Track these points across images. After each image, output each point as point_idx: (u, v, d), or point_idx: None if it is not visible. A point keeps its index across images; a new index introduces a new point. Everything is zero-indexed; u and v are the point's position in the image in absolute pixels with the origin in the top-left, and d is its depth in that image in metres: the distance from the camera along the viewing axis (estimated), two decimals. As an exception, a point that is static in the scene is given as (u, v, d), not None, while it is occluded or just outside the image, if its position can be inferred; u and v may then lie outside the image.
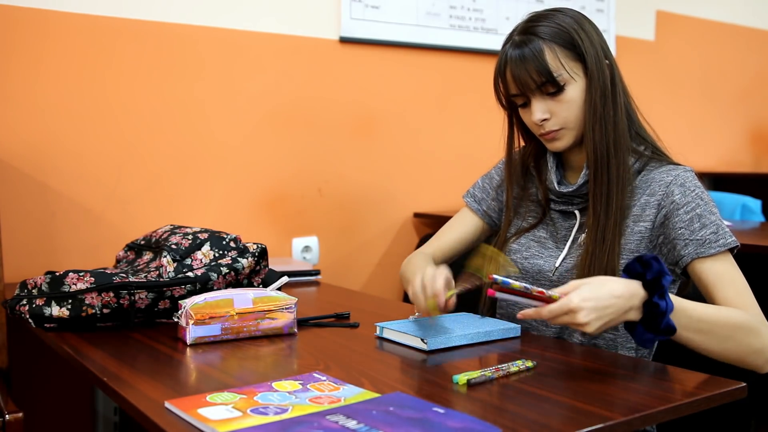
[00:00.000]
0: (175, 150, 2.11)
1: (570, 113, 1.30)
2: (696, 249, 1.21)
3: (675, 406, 0.97)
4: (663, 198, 1.27)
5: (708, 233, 1.21)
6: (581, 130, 1.31)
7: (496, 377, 1.06)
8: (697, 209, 1.24)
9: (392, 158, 2.50)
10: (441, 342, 1.23)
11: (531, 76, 1.28)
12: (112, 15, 2.00)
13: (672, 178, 1.28)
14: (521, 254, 1.40)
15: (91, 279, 1.34)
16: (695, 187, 1.27)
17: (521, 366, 1.10)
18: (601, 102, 1.29)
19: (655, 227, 1.27)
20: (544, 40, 1.28)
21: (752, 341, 1.14)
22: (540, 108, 1.30)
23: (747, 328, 1.14)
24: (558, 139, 1.32)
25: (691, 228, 1.22)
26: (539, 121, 1.31)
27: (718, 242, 1.21)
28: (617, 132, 1.29)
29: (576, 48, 1.29)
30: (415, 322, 1.33)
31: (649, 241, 1.28)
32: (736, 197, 2.86)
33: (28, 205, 1.92)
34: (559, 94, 1.29)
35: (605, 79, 1.30)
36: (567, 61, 1.29)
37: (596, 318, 1.05)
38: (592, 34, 1.32)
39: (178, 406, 0.93)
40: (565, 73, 1.28)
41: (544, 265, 1.36)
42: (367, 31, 2.41)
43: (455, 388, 1.02)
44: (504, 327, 1.31)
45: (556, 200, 1.39)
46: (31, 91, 1.91)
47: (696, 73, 3.46)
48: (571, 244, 1.35)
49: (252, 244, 1.51)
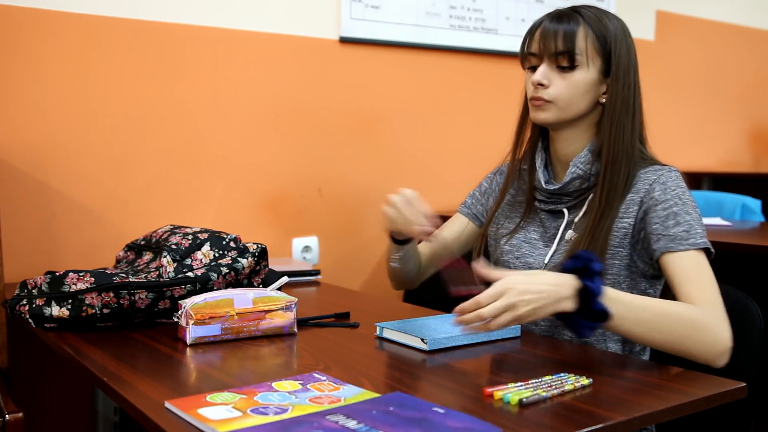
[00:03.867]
0: (175, 150, 2.11)
1: (566, 92, 1.34)
2: (666, 243, 1.25)
3: (675, 406, 0.98)
4: (645, 195, 1.31)
5: (680, 230, 1.25)
6: (569, 114, 1.35)
7: (550, 396, 1.00)
8: (674, 207, 1.27)
9: (392, 158, 2.50)
10: (441, 342, 1.23)
11: (556, 41, 1.33)
12: (112, 15, 2.00)
13: (656, 177, 1.31)
14: (513, 255, 1.43)
15: (91, 279, 1.34)
16: (676, 186, 1.30)
17: (576, 384, 1.03)
18: (623, 109, 1.33)
19: (637, 223, 1.31)
20: (585, 22, 1.34)
21: (699, 336, 1.15)
22: (544, 72, 1.34)
23: (694, 322, 1.15)
24: (543, 110, 1.36)
25: (666, 224, 1.26)
26: (536, 82, 1.35)
27: (689, 240, 1.24)
28: (631, 144, 1.34)
29: (607, 46, 1.34)
30: (415, 322, 1.33)
31: (632, 237, 1.31)
32: (736, 197, 2.86)
33: (28, 205, 1.92)
34: (568, 71, 1.33)
35: (629, 90, 1.34)
36: (592, 51, 1.33)
37: (528, 300, 1.09)
38: (631, 48, 1.38)
39: (178, 406, 0.93)
40: (584, 57, 1.33)
41: (533, 263, 1.39)
42: (367, 31, 2.41)
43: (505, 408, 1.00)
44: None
45: (546, 200, 1.42)
46: (31, 91, 1.91)
47: (696, 73, 3.46)
48: (559, 241, 1.38)
49: (252, 244, 1.51)
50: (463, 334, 1.25)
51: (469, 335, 1.26)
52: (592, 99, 1.35)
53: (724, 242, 1.95)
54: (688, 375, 1.12)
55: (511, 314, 1.09)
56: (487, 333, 1.27)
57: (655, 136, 1.49)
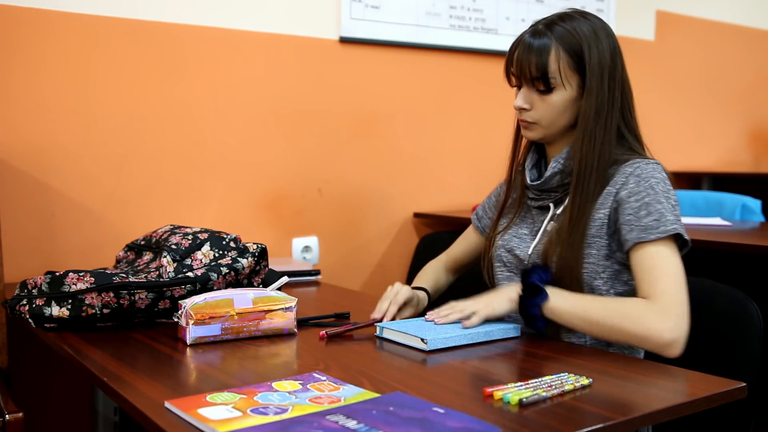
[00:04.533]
0: (175, 150, 2.11)
1: (547, 114, 1.38)
2: (638, 234, 1.27)
3: (675, 406, 0.98)
4: (620, 187, 1.33)
5: (651, 220, 1.27)
6: (554, 130, 1.40)
7: (550, 396, 1.00)
8: (646, 198, 1.29)
9: (392, 158, 2.50)
10: (441, 342, 1.23)
11: (530, 67, 1.35)
12: (112, 15, 2.00)
13: (632, 169, 1.34)
14: (504, 248, 1.48)
15: (91, 279, 1.34)
16: (650, 177, 1.32)
17: (576, 384, 1.03)
18: (594, 119, 1.35)
19: (611, 213, 1.33)
20: (556, 41, 1.34)
21: (633, 328, 1.21)
22: (524, 97, 1.39)
23: (629, 315, 1.22)
24: (530, 130, 1.41)
25: (638, 215, 1.28)
26: (518, 107, 1.40)
27: (659, 229, 1.26)
28: (603, 149, 1.36)
29: (581, 60, 1.35)
30: (415, 323, 1.33)
31: (608, 227, 1.33)
32: (736, 197, 2.86)
33: (28, 205, 1.92)
34: (545, 94, 1.37)
35: (603, 98, 1.36)
36: (566, 69, 1.35)
37: (473, 303, 1.32)
38: (604, 52, 1.36)
39: (178, 406, 0.93)
40: (559, 78, 1.35)
41: (520, 254, 1.44)
42: (367, 31, 2.41)
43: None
44: (504, 327, 1.31)
45: (536, 197, 1.46)
46: (31, 91, 1.91)
47: (696, 73, 3.46)
48: (542, 233, 1.42)
49: (252, 244, 1.51)
50: (462, 335, 1.26)
51: (468, 335, 1.26)
52: (574, 113, 1.38)
53: (724, 242, 1.95)
54: (688, 375, 1.12)
55: (462, 312, 1.30)
56: (488, 333, 1.29)
57: (656, 136, 1.49)
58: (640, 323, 1.20)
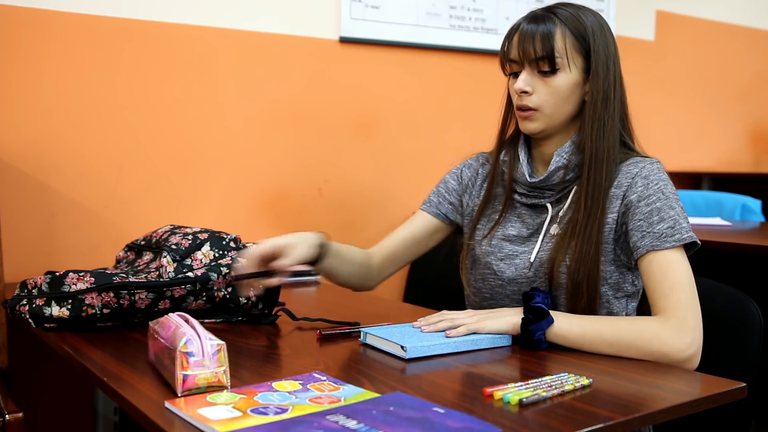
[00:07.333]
0: (175, 150, 2.11)
1: (550, 98, 1.32)
2: (652, 242, 1.24)
3: (675, 406, 0.97)
4: (627, 189, 1.29)
5: (665, 227, 1.24)
6: (556, 120, 1.34)
7: (550, 396, 0.99)
8: (657, 203, 1.26)
9: (392, 158, 2.50)
10: (420, 350, 1.18)
11: (534, 46, 1.30)
12: (113, 15, 2.00)
13: (638, 170, 1.30)
14: (495, 256, 1.39)
15: (91, 279, 1.34)
16: (658, 180, 1.29)
17: (576, 384, 1.03)
18: (603, 105, 1.32)
19: (619, 217, 1.30)
20: (561, 22, 1.32)
21: (649, 347, 1.17)
22: (526, 79, 1.33)
23: (652, 332, 1.18)
24: (531, 120, 1.34)
25: (650, 221, 1.25)
26: (519, 90, 1.33)
27: (674, 237, 1.23)
28: (612, 138, 1.32)
29: (586, 44, 1.32)
30: (401, 328, 1.28)
31: (615, 232, 1.30)
32: (736, 197, 2.86)
33: (28, 205, 1.92)
34: (549, 75, 1.31)
35: (609, 85, 1.33)
36: (572, 51, 1.31)
37: (465, 315, 1.28)
38: (609, 42, 1.35)
39: (178, 406, 0.93)
40: (565, 59, 1.31)
41: (519, 263, 1.36)
42: (367, 31, 2.41)
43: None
44: (492, 336, 1.25)
45: (527, 194, 1.39)
46: (32, 91, 1.91)
47: (696, 73, 3.46)
48: (544, 237, 1.35)
49: (252, 244, 1.50)
50: (446, 343, 1.20)
51: (451, 344, 1.21)
52: (577, 100, 1.34)
53: (724, 242, 1.96)
54: (689, 375, 1.12)
55: (452, 322, 1.26)
56: (474, 342, 1.23)
57: (656, 136, 1.49)
58: (657, 341, 1.16)
